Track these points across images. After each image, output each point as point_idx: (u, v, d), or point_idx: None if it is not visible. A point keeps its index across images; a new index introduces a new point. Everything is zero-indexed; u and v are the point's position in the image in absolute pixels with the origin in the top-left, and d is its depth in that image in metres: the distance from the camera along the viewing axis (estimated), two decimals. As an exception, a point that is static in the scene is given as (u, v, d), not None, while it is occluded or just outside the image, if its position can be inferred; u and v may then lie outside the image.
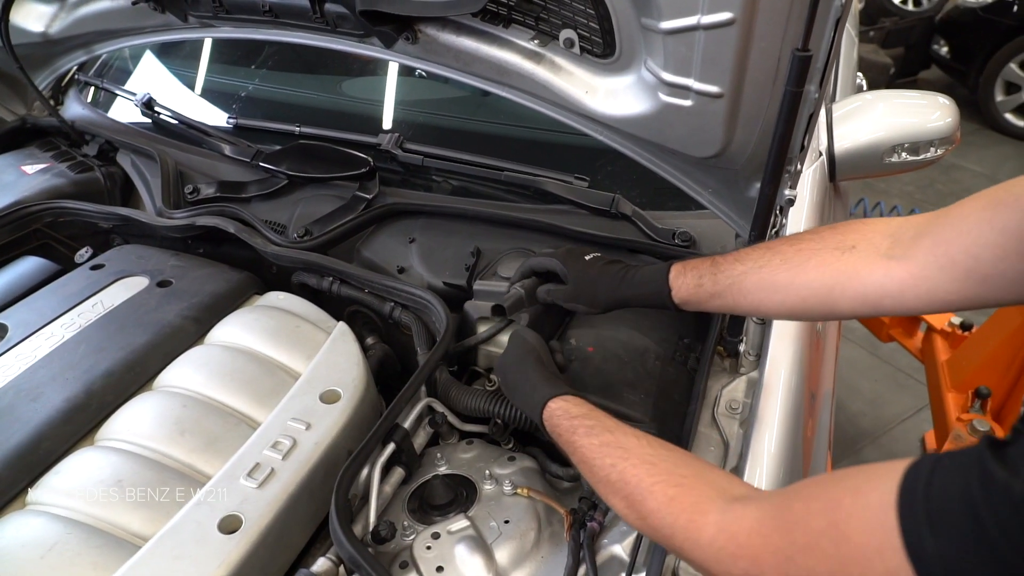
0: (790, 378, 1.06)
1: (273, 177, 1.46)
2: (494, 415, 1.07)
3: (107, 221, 1.46)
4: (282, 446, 0.97)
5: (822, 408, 1.26)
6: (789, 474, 0.95)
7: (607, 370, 1.10)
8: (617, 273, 1.00)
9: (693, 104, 1.05)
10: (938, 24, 5.46)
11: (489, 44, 1.19)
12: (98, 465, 0.95)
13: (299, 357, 1.14)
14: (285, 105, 1.68)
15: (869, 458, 2.64)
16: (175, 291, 1.27)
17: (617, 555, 0.90)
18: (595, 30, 1.09)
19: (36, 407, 1.02)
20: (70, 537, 0.86)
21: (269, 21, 1.34)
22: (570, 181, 1.35)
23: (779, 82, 0.97)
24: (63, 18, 1.56)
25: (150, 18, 1.46)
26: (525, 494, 0.97)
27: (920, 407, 2.92)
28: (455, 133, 1.54)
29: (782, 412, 1.00)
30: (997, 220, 0.68)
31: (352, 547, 0.82)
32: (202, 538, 0.85)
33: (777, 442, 0.96)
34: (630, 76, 1.12)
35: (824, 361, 1.29)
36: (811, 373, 1.14)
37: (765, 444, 0.94)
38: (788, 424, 0.99)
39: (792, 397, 1.04)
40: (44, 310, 1.21)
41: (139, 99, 1.67)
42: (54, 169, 1.62)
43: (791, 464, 0.97)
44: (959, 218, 0.72)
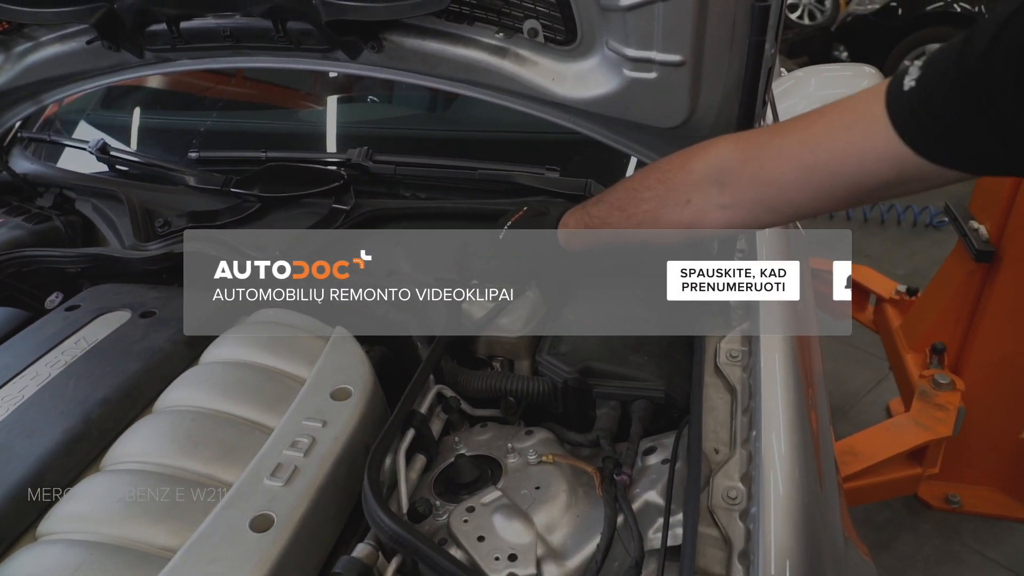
0: (782, 321, 1.11)
1: (245, 202, 1.46)
2: (508, 393, 1.09)
3: (75, 265, 1.43)
4: (301, 444, 0.95)
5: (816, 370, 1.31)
6: (797, 407, 0.99)
7: (607, 338, 1.13)
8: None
9: (657, 76, 1.12)
10: (835, 32, 5.88)
11: (454, 44, 1.24)
12: (110, 487, 0.91)
13: (301, 364, 1.13)
14: (248, 135, 1.68)
15: (842, 432, 2.72)
16: (160, 320, 1.24)
17: (652, 501, 0.92)
18: (556, 18, 1.15)
19: (33, 442, 0.98)
20: (94, 557, 0.82)
21: (229, 47, 1.35)
22: (542, 172, 1.40)
23: (736, 45, 1.05)
24: (8, 69, 1.54)
25: (104, 58, 1.45)
26: (551, 460, 0.98)
27: (880, 379, 3.06)
28: (424, 143, 1.57)
29: (781, 350, 1.05)
30: (810, 176, 0.78)
31: (394, 523, 0.81)
32: (236, 540, 0.83)
33: (782, 378, 1.00)
34: (593, 58, 1.18)
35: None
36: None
37: (775, 373, 0.98)
38: (788, 362, 1.04)
39: (787, 340, 1.08)
40: (24, 352, 1.17)
41: (92, 145, 1.64)
42: (9, 223, 1.57)
43: (798, 401, 1.01)
44: (771, 158, 0.81)
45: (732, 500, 0.88)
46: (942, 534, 2.35)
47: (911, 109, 0.67)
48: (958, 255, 2.20)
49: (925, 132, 0.67)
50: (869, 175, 0.73)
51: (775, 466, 0.85)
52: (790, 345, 1.06)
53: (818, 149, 0.76)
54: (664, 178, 0.94)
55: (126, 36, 1.37)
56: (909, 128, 0.68)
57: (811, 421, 0.99)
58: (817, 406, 1.02)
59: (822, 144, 0.76)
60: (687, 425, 0.97)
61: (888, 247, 4.10)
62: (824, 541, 0.83)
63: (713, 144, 0.90)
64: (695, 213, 0.91)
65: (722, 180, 0.87)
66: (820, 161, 0.76)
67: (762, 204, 0.85)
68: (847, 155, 0.73)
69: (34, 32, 1.46)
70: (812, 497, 0.85)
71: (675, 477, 0.91)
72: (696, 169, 0.90)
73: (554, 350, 1.12)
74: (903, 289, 2.59)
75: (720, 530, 0.86)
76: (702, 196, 0.89)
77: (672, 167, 0.94)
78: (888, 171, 0.71)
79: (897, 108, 0.68)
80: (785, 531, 0.80)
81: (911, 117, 0.67)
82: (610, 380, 1.08)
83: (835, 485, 0.96)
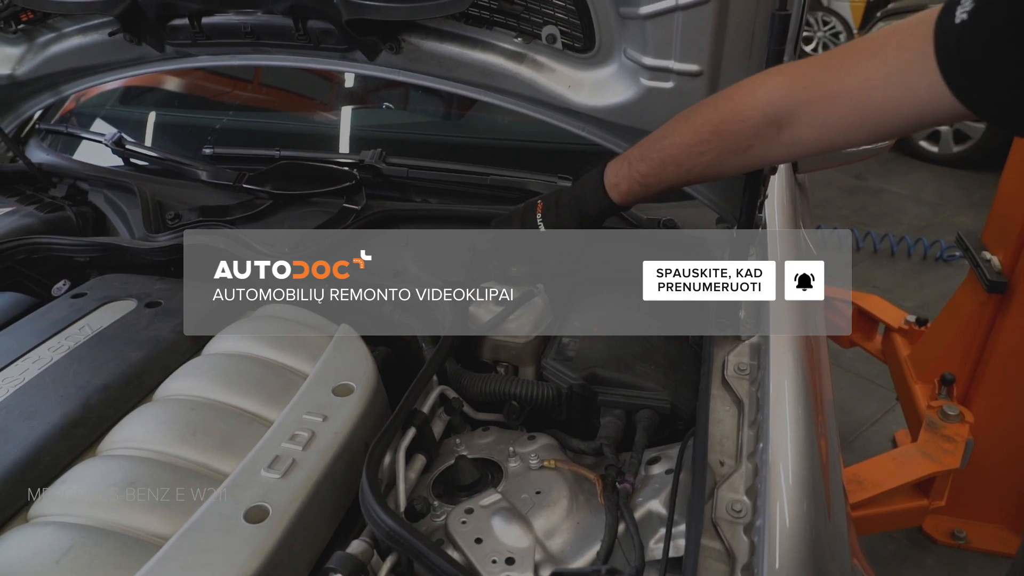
0: (792, 337, 1.09)
1: (256, 198, 1.46)
2: (512, 397, 1.07)
3: (84, 254, 1.42)
4: (300, 438, 0.94)
5: (825, 388, 1.29)
6: (806, 422, 0.97)
7: (614, 346, 1.12)
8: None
9: (674, 85, 1.12)
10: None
11: (472, 48, 1.24)
12: (105, 471, 0.90)
13: (304, 359, 1.12)
14: (263, 134, 1.69)
15: (847, 462, 2.70)
16: (165, 310, 1.23)
17: (655, 510, 0.90)
18: (575, 25, 1.15)
19: (32, 424, 0.97)
20: (85, 540, 0.80)
21: (249, 44, 1.36)
22: (554, 181, 1.40)
23: (754, 55, 1.04)
24: (31, 59, 1.56)
25: (125, 51, 1.47)
26: (552, 465, 0.97)
27: (887, 409, 3.02)
28: (438, 148, 1.57)
29: (791, 365, 1.03)
30: (861, 116, 0.82)
31: (391, 520, 0.80)
32: (229, 529, 0.81)
33: (791, 393, 0.99)
34: (611, 66, 1.18)
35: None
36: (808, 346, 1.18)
37: (783, 389, 0.96)
38: (798, 376, 1.02)
39: (797, 355, 1.07)
40: (28, 336, 1.16)
41: (109, 138, 1.65)
42: (21, 211, 1.57)
43: (807, 415, 0.99)
44: (831, 102, 0.84)
45: (736, 513, 0.86)
46: (948, 571, 2.30)
47: (957, 40, 0.68)
48: (970, 285, 2.18)
49: (965, 65, 0.68)
50: (918, 114, 0.77)
51: (782, 480, 0.83)
52: (799, 359, 1.04)
53: (876, 94, 0.79)
54: (719, 129, 0.94)
55: (148, 29, 1.38)
56: (951, 65, 0.69)
57: (819, 435, 0.97)
58: (825, 421, 1.00)
59: (879, 89, 0.78)
60: (692, 436, 0.95)
61: (898, 279, 4.08)
62: (830, 560, 0.81)
63: (763, 84, 0.91)
64: (758, 155, 0.94)
65: (779, 122, 0.88)
66: (877, 104, 0.79)
67: (821, 141, 0.88)
68: (902, 100, 0.77)
69: (58, 23, 1.48)
70: (819, 513, 0.83)
71: (679, 487, 0.89)
72: (751, 116, 0.91)
73: (560, 356, 1.10)
74: (912, 319, 2.56)
75: (723, 543, 0.84)
76: (762, 141, 0.91)
77: (724, 117, 0.94)
78: (932, 114, 0.75)
79: (943, 40, 0.70)
80: (790, 546, 0.78)
81: (956, 50, 0.69)
82: (615, 388, 1.06)
83: (843, 505, 0.94)
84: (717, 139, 0.94)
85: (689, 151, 0.96)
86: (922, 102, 0.75)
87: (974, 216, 4.47)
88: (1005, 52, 0.66)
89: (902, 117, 0.79)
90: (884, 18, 5.66)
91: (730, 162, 0.95)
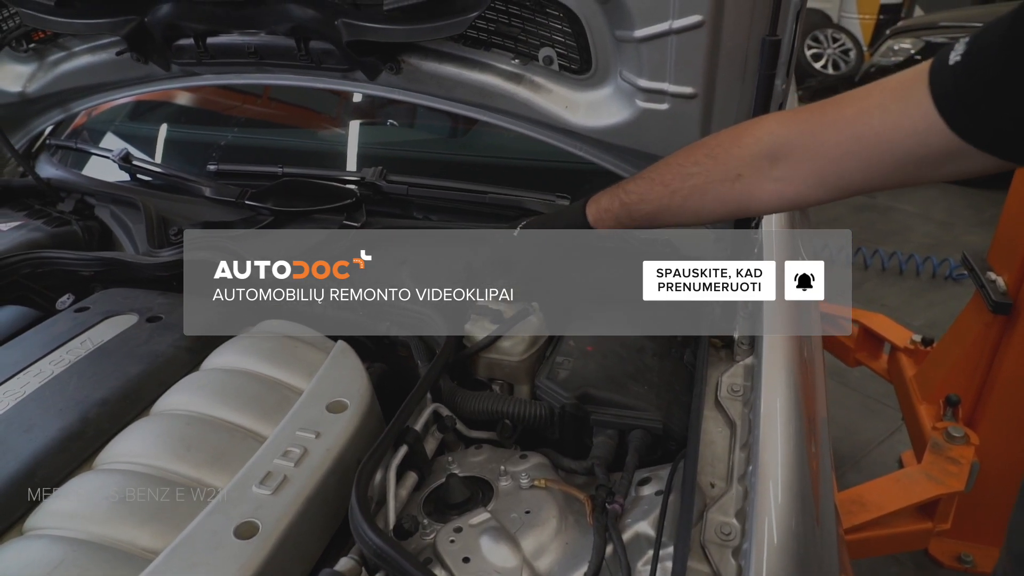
0: (787, 359, 1.09)
1: (259, 215, 1.48)
2: (503, 415, 1.08)
3: (88, 268, 1.45)
4: (293, 454, 0.95)
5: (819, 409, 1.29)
6: (797, 444, 0.97)
7: (608, 365, 1.12)
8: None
9: (669, 107, 1.13)
10: (858, 82, 5.91)
11: (471, 69, 1.26)
12: (100, 485, 0.91)
13: (300, 375, 1.13)
14: (266, 150, 1.71)
15: (852, 482, 2.67)
16: (166, 324, 1.25)
17: (643, 532, 0.89)
18: (572, 47, 1.17)
19: (29, 438, 0.98)
20: (76, 555, 0.81)
21: (253, 63, 1.39)
22: (552, 199, 1.41)
23: (747, 79, 1.06)
24: (41, 77, 1.59)
25: (132, 70, 1.50)
26: (543, 484, 0.97)
27: (893, 430, 2.99)
28: (438, 166, 1.59)
29: (784, 387, 1.03)
30: (857, 148, 0.80)
31: (378, 538, 0.80)
32: (218, 545, 0.82)
33: (782, 415, 0.99)
34: (607, 88, 1.20)
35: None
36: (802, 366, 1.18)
37: (774, 410, 0.96)
38: (791, 397, 1.02)
39: (790, 376, 1.07)
40: (30, 350, 1.18)
41: (116, 154, 1.68)
42: (29, 225, 1.60)
43: (798, 438, 0.99)
44: (827, 128, 0.84)
45: (726, 536, 0.86)
46: (953, 594, 2.27)
47: (953, 80, 0.71)
48: (975, 306, 2.16)
49: (961, 102, 0.70)
50: (911, 148, 0.76)
51: (770, 503, 0.83)
52: (793, 380, 1.04)
53: (871, 119, 0.79)
54: (713, 153, 0.94)
55: (155, 49, 1.41)
56: (947, 100, 0.71)
57: (810, 457, 0.97)
58: (818, 440, 1.00)
59: (874, 115, 0.79)
60: (683, 457, 0.95)
61: (905, 298, 4.06)
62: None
63: (764, 120, 0.92)
64: (745, 188, 0.92)
65: (775, 153, 0.88)
66: (871, 131, 0.79)
67: (814, 176, 0.87)
68: (896, 126, 0.77)
69: (68, 42, 1.51)
70: (808, 536, 0.83)
71: (668, 509, 0.89)
72: (747, 144, 0.90)
73: (553, 375, 1.11)
74: (918, 339, 2.54)
75: (711, 566, 0.84)
76: (753, 170, 0.90)
77: (721, 143, 0.94)
78: (925, 146, 0.75)
79: (938, 80, 0.72)
80: (776, 572, 0.77)
81: (952, 88, 0.71)
82: (608, 408, 1.06)
83: (833, 527, 0.93)
84: (710, 162, 0.94)
85: (679, 171, 0.96)
86: (917, 132, 0.76)
87: (984, 235, 4.44)
88: (1000, 86, 0.68)
89: (896, 146, 0.79)
90: (893, 36, 5.68)
91: (717, 190, 0.94)
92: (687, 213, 0.99)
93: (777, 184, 0.89)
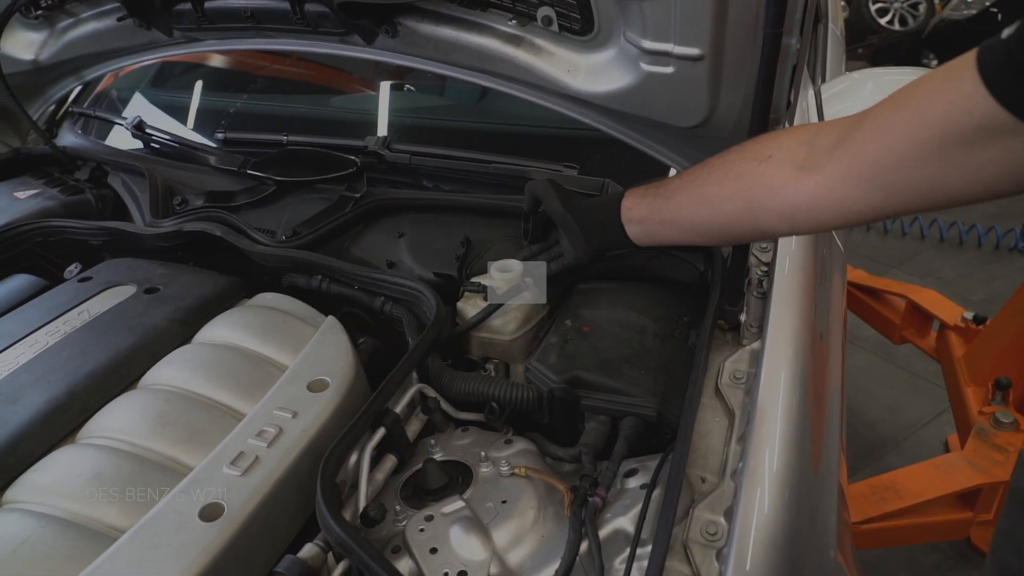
0: (794, 346, 1.01)
1: (261, 184, 1.45)
2: (491, 398, 1.04)
3: (96, 237, 1.45)
4: (267, 434, 0.92)
5: (831, 400, 1.20)
6: (799, 437, 0.90)
7: (603, 348, 1.06)
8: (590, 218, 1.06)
9: (675, 70, 1.04)
10: (925, 38, 5.52)
11: (468, 31, 1.19)
12: (76, 461, 0.91)
13: (287, 351, 1.11)
14: (274, 118, 1.69)
15: (892, 464, 2.55)
16: (162, 297, 1.24)
17: (622, 528, 0.85)
18: (571, 6, 1.09)
19: (16, 409, 0.99)
20: (44, 531, 0.81)
21: (251, 28, 1.35)
22: (559, 169, 1.33)
23: (760, 40, 0.95)
24: (52, 44, 1.59)
25: (137, 37, 1.48)
26: (523, 473, 0.93)
27: (940, 411, 2.84)
28: (444, 133, 1.53)
29: (787, 376, 0.95)
30: (896, 124, 0.71)
31: (340, 527, 0.77)
32: (182, 526, 0.81)
33: (783, 408, 0.91)
34: (610, 50, 1.11)
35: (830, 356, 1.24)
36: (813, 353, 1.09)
37: (775, 405, 0.89)
38: (795, 387, 0.94)
39: (796, 363, 0.99)
40: (30, 320, 1.19)
41: (129, 122, 1.68)
42: (45, 193, 1.62)
43: (799, 427, 0.92)
44: (868, 124, 0.74)
45: (711, 536, 0.81)
46: (994, 586, 2.15)
47: (1005, 51, 0.65)
48: (1033, 282, 2.01)
49: (1012, 70, 0.64)
50: (953, 120, 0.69)
51: (755, 503, 0.77)
52: (799, 366, 0.96)
53: (913, 92, 0.73)
54: (757, 138, 0.88)
55: (155, 14, 1.38)
56: (996, 72, 0.65)
57: (813, 450, 0.90)
58: (822, 429, 0.92)
59: (916, 91, 0.73)
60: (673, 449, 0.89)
61: (965, 271, 3.82)
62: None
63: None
64: (771, 170, 0.84)
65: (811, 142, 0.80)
66: (912, 100, 0.72)
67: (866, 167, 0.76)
68: (938, 93, 0.70)
69: (74, 8, 1.50)
70: (797, 538, 0.77)
71: (652, 504, 0.84)
72: (795, 129, 0.86)
73: (543, 357, 1.06)
74: (970, 316, 2.38)
75: (692, 568, 0.78)
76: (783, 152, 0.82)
77: (768, 132, 0.88)
78: (968, 114, 0.68)
79: (988, 55, 0.66)
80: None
81: (1003, 58, 0.65)
82: (599, 393, 1.01)
83: (833, 525, 0.86)
84: (748, 144, 0.87)
85: (715, 156, 0.90)
86: (959, 100, 0.68)
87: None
88: None
89: (941, 125, 0.70)
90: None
91: (742, 170, 0.85)
92: (708, 198, 0.91)
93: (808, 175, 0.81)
